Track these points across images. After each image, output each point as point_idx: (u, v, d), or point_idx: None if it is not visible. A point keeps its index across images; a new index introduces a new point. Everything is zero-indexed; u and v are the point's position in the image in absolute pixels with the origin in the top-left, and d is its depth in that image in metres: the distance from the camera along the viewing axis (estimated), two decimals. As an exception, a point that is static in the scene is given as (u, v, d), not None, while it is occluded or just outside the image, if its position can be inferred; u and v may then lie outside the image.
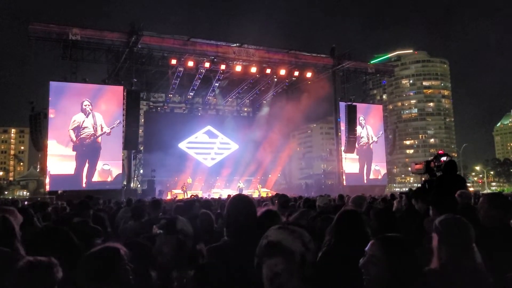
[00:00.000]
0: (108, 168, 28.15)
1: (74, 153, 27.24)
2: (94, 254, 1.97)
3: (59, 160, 26.94)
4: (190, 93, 35.44)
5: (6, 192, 79.83)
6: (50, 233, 2.77)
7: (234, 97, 38.82)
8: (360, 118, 36.33)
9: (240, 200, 2.78)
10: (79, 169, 27.15)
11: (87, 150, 27.65)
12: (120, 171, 28.52)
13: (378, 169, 37.87)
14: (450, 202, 3.62)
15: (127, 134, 27.54)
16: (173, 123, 35.48)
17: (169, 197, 27.26)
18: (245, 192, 28.09)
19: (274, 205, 7.41)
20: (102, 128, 28.06)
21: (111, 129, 28.18)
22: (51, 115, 26.96)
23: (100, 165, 27.91)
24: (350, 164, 36.11)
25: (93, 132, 27.82)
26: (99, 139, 28.09)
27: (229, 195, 15.97)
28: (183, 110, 38.19)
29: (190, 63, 29.75)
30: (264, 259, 1.66)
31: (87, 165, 27.55)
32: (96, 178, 27.45)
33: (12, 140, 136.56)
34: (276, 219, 3.20)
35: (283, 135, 39.04)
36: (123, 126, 27.96)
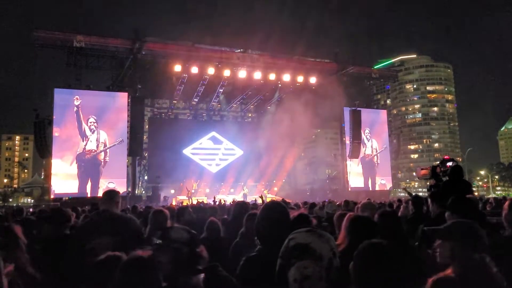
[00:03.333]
0: (113, 187, 28.15)
1: (78, 171, 27.47)
2: (131, 262, 1.97)
3: (63, 179, 27.11)
4: (195, 99, 35.54)
5: (10, 200, 79.96)
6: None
7: (238, 103, 38.87)
8: (366, 131, 36.33)
9: (274, 208, 2.72)
10: (82, 187, 27.33)
11: (88, 167, 27.76)
12: (125, 189, 28.50)
13: (384, 183, 37.82)
14: (470, 208, 3.55)
15: (131, 140, 27.62)
16: (177, 129, 35.53)
17: (174, 203, 27.26)
18: (249, 198, 28.05)
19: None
20: (105, 145, 28.17)
21: (112, 146, 28.29)
22: (55, 133, 27.10)
23: (104, 183, 27.90)
24: (354, 177, 36.09)
25: (95, 148, 27.94)
26: (101, 156, 28.16)
27: (233, 200, 15.92)
28: (187, 116, 38.25)
29: (194, 69, 29.85)
30: (293, 260, 1.63)
31: (89, 183, 27.69)
32: (100, 194, 27.50)
33: (16, 147, 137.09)
34: (309, 223, 3.16)
35: (287, 140, 38.96)
36: (127, 132, 28.07)
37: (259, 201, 12.01)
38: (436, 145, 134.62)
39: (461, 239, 2.19)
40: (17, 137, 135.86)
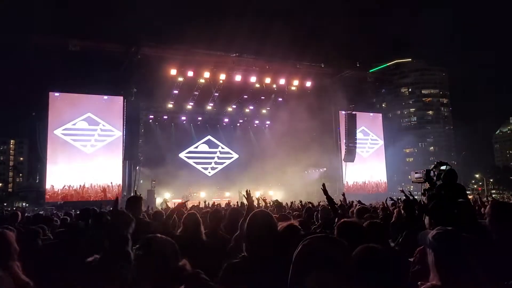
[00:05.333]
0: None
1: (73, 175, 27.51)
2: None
3: (59, 183, 27.16)
4: (190, 103, 35.49)
5: (5, 204, 79.34)
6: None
7: (234, 106, 38.85)
8: (361, 135, 36.50)
9: (261, 216, 2.72)
10: (77, 191, 27.50)
11: (84, 171, 27.94)
12: (120, 193, 28.57)
13: (380, 185, 37.94)
14: (449, 213, 3.56)
15: (127, 144, 27.58)
16: (173, 133, 35.51)
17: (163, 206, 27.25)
18: (244, 201, 28.04)
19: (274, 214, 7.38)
20: (100, 149, 28.35)
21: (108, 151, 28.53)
22: (50, 137, 27.07)
23: (100, 187, 27.98)
24: (350, 180, 36.19)
25: (91, 153, 28.08)
26: (98, 161, 28.24)
27: (228, 201, 15.91)
28: (183, 120, 38.20)
29: (190, 73, 29.87)
30: (310, 268, 1.60)
31: (85, 186, 27.87)
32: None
33: (11, 151, 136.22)
34: (298, 234, 3.10)
35: (283, 143, 39.00)
36: (123, 136, 28.05)
37: (255, 203, 12.00)
38: (431, 148, 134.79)
39: (438, 248, 2.15)
40: (12, 141, 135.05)
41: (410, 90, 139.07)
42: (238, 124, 40.46)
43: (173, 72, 29.58)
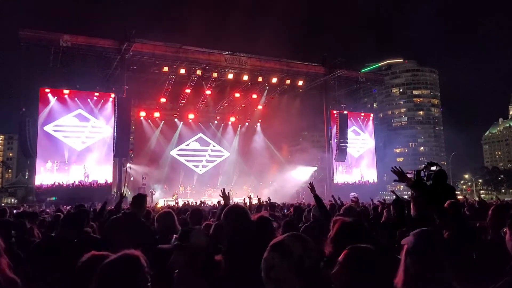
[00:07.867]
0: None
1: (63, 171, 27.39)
2: (113, 262, 1.89)
3: (48, 179, 27.01)
4: (182, 101, 35.40)
5: (-6, 199, 78.41)
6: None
7: (226, 104, 38.82)
8: (352, 134, 36.64)
9: (234, 211, 2.75)
10: (68, 188, 27.34)
11: (74, 168, 27.85)
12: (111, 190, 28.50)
13: (371, 184, 38.18)
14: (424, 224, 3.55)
15: (118, 141, 27.42)
16: (164, 130, 35.39)
17: (160, 205, 27.11)
18: (236, 200, 28.05)
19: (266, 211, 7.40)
20: (91, 147, 28.28)
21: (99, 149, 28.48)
22: (40, 133, 26.88)
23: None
24: (341, 180, 36.31)
25: (81, 150, 27.92)
26: (88, 159, 28.15)
27: (218, 202, 15.93)
28: (174, 117, 38.07)
29: (182, 71, 29.83)
30: (272, 264, 1.72)
31: (75, 183, 27.72)
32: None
33: (0, 146, 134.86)
34: (269, 225, 3.14)
35: (274, 142, 39.10)
36: (114, 133, 27.90)
37: (247, 201, 12.04)
38: (422, 148, 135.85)
39: (414, 248, 2.14)
40: (1, 137, 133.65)
41: (401, 90, 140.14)
42: (230, 122, 40.48)
43: (165, 69, 29.51)
